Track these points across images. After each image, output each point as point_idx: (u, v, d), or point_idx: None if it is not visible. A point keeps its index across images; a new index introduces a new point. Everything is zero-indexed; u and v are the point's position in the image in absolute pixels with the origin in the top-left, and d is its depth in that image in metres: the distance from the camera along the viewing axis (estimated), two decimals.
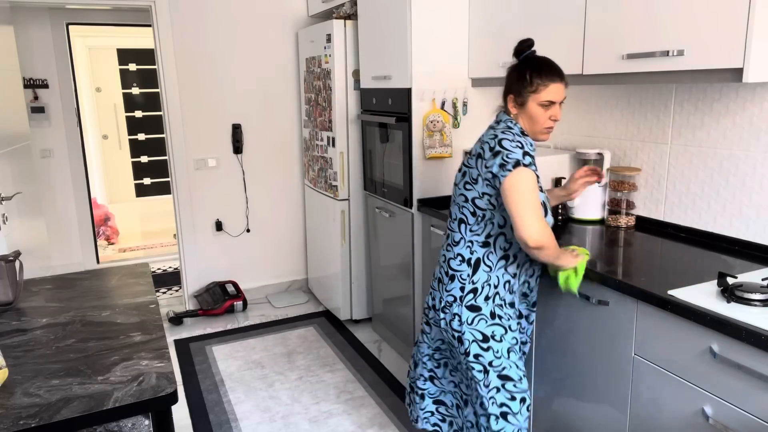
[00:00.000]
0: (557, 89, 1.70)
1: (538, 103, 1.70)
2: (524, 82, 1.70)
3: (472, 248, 1.77)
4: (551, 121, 1.73)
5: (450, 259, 1.81)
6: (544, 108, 1.71)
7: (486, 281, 1.76)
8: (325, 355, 3.29)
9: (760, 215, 1.91)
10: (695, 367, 1.49)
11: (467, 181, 1.76)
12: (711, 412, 1.46)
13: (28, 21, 4.28)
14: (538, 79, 1.68)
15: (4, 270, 1.67)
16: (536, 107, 1.71)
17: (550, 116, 1.72)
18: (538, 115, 1.71)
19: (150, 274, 2.05)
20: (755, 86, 1.87)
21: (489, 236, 1.75)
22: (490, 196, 1.70)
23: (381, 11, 2.93)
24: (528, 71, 1.70)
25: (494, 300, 1.76)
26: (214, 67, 3.83)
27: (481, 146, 1.72)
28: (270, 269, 4.27)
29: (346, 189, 3.53)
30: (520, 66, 1.74)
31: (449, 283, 1.80)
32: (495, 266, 1.76)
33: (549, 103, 1.70)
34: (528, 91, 1.70)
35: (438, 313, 1.83)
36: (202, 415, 2.70)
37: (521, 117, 1.75)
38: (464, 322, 1.76)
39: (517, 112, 1.75)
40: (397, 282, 3.16)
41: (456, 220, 1.80)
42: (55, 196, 4.56)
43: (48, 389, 1.24)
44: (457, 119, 2.86)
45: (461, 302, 1.77)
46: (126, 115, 6.77)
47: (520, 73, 1.72)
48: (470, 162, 1.76)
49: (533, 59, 1.73)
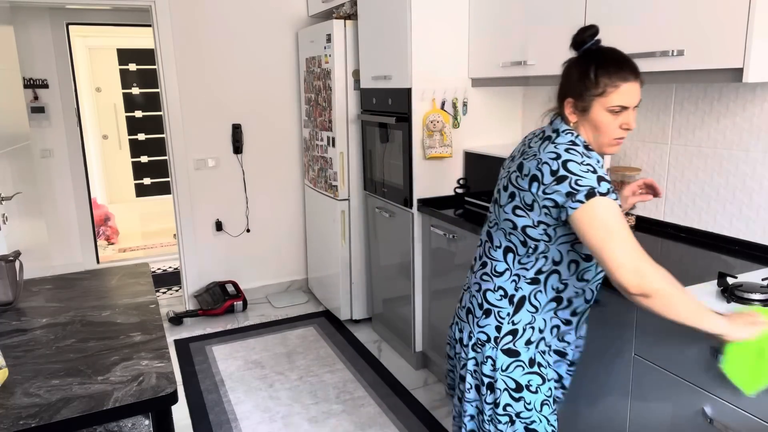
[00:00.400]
0: (631, 90, 1.34)
1: (607, 109, 1.35)
2: (587, 83, 1.36)
3: (517, 284, 1.45)
4: (622, 130, 1.38)
5: (488, 290, 1.49)
6: (613, 114, 1.36)
7: (529, 323, 1.45)
8: (325, 355, 3.29)
9: (760, 215, 1.91)
10: (695, 367, 1.49)
11: (518, 206, 1.41)
12: (711, 412, 1.46)
13: (28, 21, 4.28)
14: (606, 78, 1.34)
15: (4, 270, 1.67)
16: (603, 114, 1.36)
17: (622, 125, 1.37)
18: (606, 123, 1.36)
19: (150, 274, 2.05)
20: (755, 86, 1.87)
21: (540, 272, 1.43)
22: (548, 226, 1.38)
23: (381, 11, 2.93)
24: (592, 68, 1.35)
25: (538, 345, 1.46)
26: (214, 67, 3.83)
27: (539, 166, 1.35)
28: (270, 269, 4.27)
29: (346, 189, 3.53)
30: (581, 61, 1.39)
31: (482, 318, 1.49)
32: (542, 308, 1.45)
33: (620, 109, 1.35)
34: (593, 93, 1.36)
35: (466, 349, 1.53)
36: (202, 415, 2.70)
37: (583, 126, 1.41)
38: (498, 368, 1.45)
39: (578, 119, 1.41)
40: (397, 282, 3.16)
41: (501, 247, 1.47)
42: (55, 196, 4.56)
43: (48, 389, 1.24)
44: (457, 119, 2.86)
45: (497, 344, 1.46)
46: (126, 115, 6.76)
47: (581, 71, 1.37)
48: (521, 183, 1.39)
49: (599, 52, 1.37)
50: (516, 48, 2.47)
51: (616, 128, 1.37)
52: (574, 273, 1.43)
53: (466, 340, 1.54)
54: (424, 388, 2.91)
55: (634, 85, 1.34)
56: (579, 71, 1.38)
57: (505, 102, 2.97)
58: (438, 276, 2.80)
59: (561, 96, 1.43)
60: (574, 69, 1.40)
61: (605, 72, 1.34)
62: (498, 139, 2.99)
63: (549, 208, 1.34)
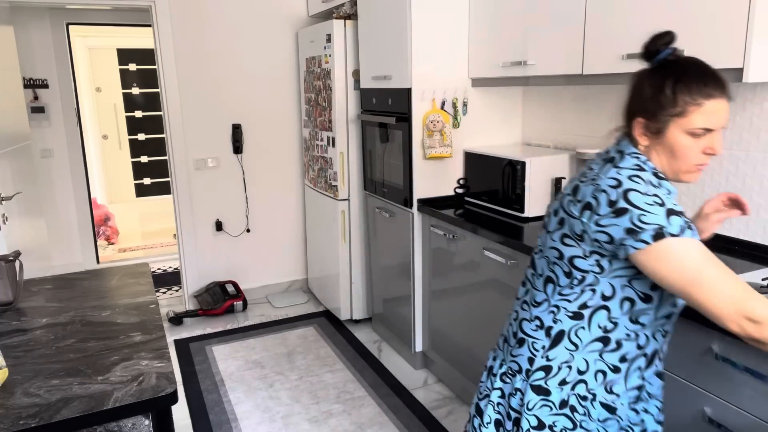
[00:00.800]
0: (717, 109, 1.11)
1: (687, 132, 1.13)
2: (663, 100, 1.13)
3: (556, 315, 1.26)
4: (705, 155, 1.15)
5: (524, 319, 1.33)
6: (694, 138, 1.13)
7: (566, 362, 1.24)
8: (325, 355, 3.29)
9: (760, 215, 1.91)
10: (695, 367, 1.49)
11: (567, 234, 1.21)
12: (711, 412, 1.46)
13: (28, 21, 4.28)
14: (687, 95, 1.11)
15: (4, 270, 1.67)
16: (682, 137, 1.13)
17: (705, 149, 1.14)
18: (685, 148, 1.14)
19: (150, 274, 2.05)
20: (755, 86, 1.87)
21: (584, 307, 1.22)
22: (601, 257, 1.17)
23: (381, 11, 2.94)
24: (670, 82, 1.13)
25: (574, 388, 1.24)
26: (214, 67, 3.84)
27: (595, 193, 1.15)
28: (270, 269, 4.27)
29: (346, 189, 3.53)
30: (655, 74, 1.16)
31: (516, 347, 1.33)
32: (584, 346, 1.23)
33: (704, 132, 1.12)
34: (670, 113, 1.13)
35: (493, 378, 1.39)
36: (202, 415, 2.70)
37: (656, 150, 1.18)
38: (525, 404, 1.28)
39: (650, 143, 1.18)
40: (397, 282, 3.16)
41: (542, 276, 1.29)
42: (55, 196, 4.56)
43: (48, 389, 1.24)
44: (457, 119, 2.86)
45: (527, 378, 1.29)
46: (126, 115, 6.77)
47: (656, 86, 1.15)
48: (572, 209, 1.19)
49: (677, 63, 1.14)
50: (516, 48, 2.47)
51: (697, 153, 1.14)
52: (627, 312, 1.19)
53: (496, 368, 1.38)
54: (424, 388, 2.91)
55: (721, 103, 1.11)
56: (653, 86, 1.15)
57: (505, 102, 2.97)
58: (438, 276, 2.80)
59: (629, 114, 1.21)
60: (646, 83, 1.17)
61: (685, 87, 1.11)
62: (498, 139, 2.99)
63: (602, 242, 1.14)
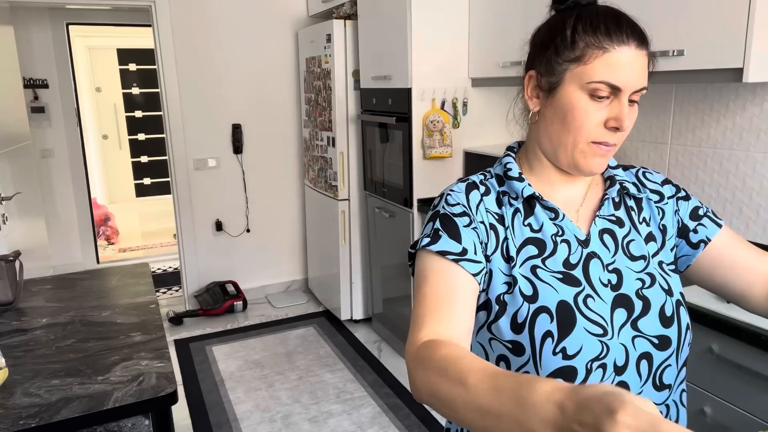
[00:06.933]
0: (627, 60, 0.78)
1: (585, 86, 0.79)
2: (559, 41, 0.82)
3: None
4: (608, 130, 0.81)
5: None
6: (593, 100, 0.80)
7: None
8: (325, 355, 3.29)
9: (760, 215, 1.91)
10: (695, 367, 1.49)
11: None
12: (711, 412, 1.46)
13: (28, 21, 4.28)
14: (591, 36, 0.79)
15: (4, 270, 1.67)
16: (578, 94, 0.80)
17: (608, 120, 0.80)
18: (580, 111, 0.80)
19: (150, 274, 2.05)
20: (755, 86, 1.87)
21: None
22: None
23: (381, 11, 2.94)
24: (571, 20, 0.82)
25: None
26: (214, 67, 3.83)
27: None
28: (270, 269, 4.27)
29: (346, 189, 3.53)
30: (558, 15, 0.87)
31: None
32: None
33: (608, 91, 0.79)
34: (566, 57, 0.81)
35: None
36: (202, 415, 2.70)
37: (545, 121, 0.86)
38: None
39: (541, 108, 0.86)
40: (397, 282, 3.16)
41: None
42: (55, 196, 4.56)
43: (48, 389, 1.24)
44: (457, 119, 2.86)
45: None
46: (126, 115, 6.76)
47: (553, 25, 0.85)
48: None
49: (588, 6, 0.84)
50: (516, 48, 2.47)
51: (596, 123, 0.80)
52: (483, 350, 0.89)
53: None
54: None
55: (636, 56, 0.79)
56: (550, 26, 0.86)
57: (505, 102, 2.97)
58: None
59: (525, 71, 0.89)
60: (544, 26, 0.88)
61: (590, 26, 0.80)
62: (498, 139, 2.99)
63: None
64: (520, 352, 0.82)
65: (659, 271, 0.89)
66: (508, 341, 0.83)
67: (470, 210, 0.86)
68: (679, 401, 0.90)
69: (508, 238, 0.86)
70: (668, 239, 0.93)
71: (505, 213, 0.88)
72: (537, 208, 0.87)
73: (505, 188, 0.89)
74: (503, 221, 0.87)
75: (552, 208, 0.87)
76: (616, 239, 0.88)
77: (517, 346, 0.83)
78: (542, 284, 0.83)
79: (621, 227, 0.89)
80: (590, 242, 0.87)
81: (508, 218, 0.87)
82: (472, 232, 0.85)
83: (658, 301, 0.85)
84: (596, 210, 0.90)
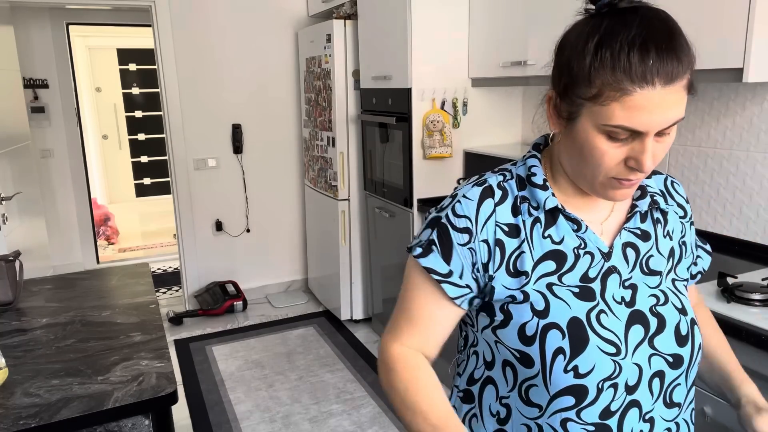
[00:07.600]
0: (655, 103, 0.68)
1: (601, 127, 0.72)
2: (577, 69, 0.72)
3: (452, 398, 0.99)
4: (628, 169, 0.74)
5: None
6: (611, 141, 0.72)
7: None
8: (325, 355, 3.29)
9: (760, 215, 1.91)
10: None
11: None
12: (711, 412, 1.45)
13: (28, 21, 4.28)
14: (608, 71, 0.69)
15: (4, 270, 1.67)
16: (594, 134, 0.73)
17: (628, 159, 0.73)
18: (596, 151, 0.73)
19: (150, 274, 2.05)
20: (755, 86, 1.87)
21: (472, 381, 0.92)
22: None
23: (381, 11, 2.93)
24: (593, 41, 0.71)
25: None
26: (214, 67, 3.83)
27: None
28: (270, 269, 4.27)
29: (346, 189, 3.53)
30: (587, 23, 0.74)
31: None
32: None
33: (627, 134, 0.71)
34: (581, 94, 0.72)
35: None
36: (202, 415, 2.70)
37: (565, 145, 0.79)
38: None
39: (562, 131, 0.78)
40: (397, 282, 3.16)
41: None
42: (55, 196, 4.56)
43: (48, 389, 1.24)
44: (457, 119, 2.86)
45: None
46: (126, 115, 6.76)
47: (576, 43, 0.73)
48: None
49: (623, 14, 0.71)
50: (516, 48, 2.47)
51: (615, 162, 0.74)
52: (513, 387, 0.83)
53: None
54: None
55: (662, 94, 0.68)
56: (573, 43, 0.74)
57: (505, 102, 2.97)
58: None
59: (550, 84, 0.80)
60: (570, 35, 0.76)
61: (610, 56, 0.68)
62: (498, 139, 2.99)
63: None
64: (528, 364, 0.80)
65: (672, 288, 0.86)
66: (515, 350, 0.81)
67: (475, 227, 0.82)
68: (689, 419, 0.89)
69: (525, 251, 0.81)
70: (686, 257, 0.91)
71: (521, 222, 0.82)
72: (560, 219, 0.82)
73: (525, 193, 0.83)
74: (517, 232, 0.82)
75: (575, 219, 0.82)
76: (638, 253, 0.84)
77: (525, 358, 0.80)
78: (556, 300, 0.80)
79: (645, 241, 0.86)
80: (612, 255, 0.83)
81: (526, 229, 0.82)
82: (466, 252, 0.82)
83: (673, 319, 0.83)
84: (623, 222, 0.86)
